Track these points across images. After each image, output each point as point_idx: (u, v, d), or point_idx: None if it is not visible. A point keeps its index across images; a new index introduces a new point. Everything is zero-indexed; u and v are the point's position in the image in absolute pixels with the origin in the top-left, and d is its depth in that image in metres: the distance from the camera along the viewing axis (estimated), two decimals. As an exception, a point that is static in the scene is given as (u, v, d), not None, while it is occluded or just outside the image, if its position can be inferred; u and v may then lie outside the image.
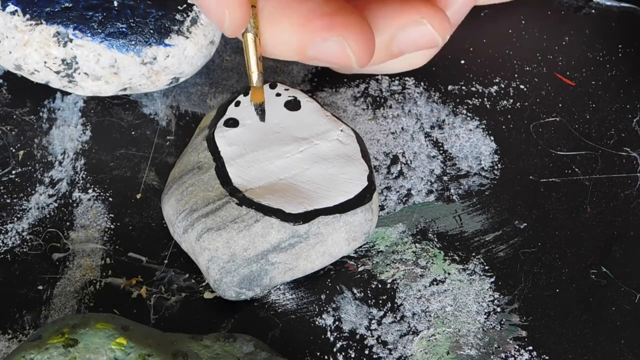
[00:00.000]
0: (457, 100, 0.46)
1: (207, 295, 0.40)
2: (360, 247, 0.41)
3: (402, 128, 0.45)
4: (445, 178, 0.44)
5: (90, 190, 0.42)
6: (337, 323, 0.39)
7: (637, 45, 0.49)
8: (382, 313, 0.40)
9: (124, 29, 0.42)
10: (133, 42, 0.42)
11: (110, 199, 0.42)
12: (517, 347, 0.39)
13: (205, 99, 0.46)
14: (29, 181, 0.42)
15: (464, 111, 0.46)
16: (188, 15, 0.43)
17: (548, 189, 0.44)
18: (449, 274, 0.41)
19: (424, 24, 0.39)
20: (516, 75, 0.48)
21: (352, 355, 0.38)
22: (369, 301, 0.40)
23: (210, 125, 0.41)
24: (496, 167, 0.44)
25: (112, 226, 0.41)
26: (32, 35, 0.41)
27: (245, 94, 0.42)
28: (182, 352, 0.35)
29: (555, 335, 0.39)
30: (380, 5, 0.39)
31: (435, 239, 0.42)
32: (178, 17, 0.43)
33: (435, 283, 0.40)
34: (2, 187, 0.42)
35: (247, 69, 0.38)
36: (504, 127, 0.46)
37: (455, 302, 0.40)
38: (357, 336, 0.39)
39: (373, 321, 0.39)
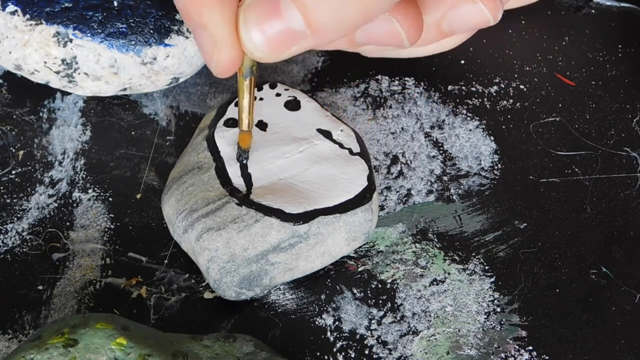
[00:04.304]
0: (457, 100, 0.46)
1: (207, 295, 0.40)
2: (360, 247, 0.41)
3: (402, 128, 0.45)
4: (445, 178, 0.44)
5: (90, 190, 0.42)
6: (337, 323, 0.39)
7: (637, 45, 0.49)
8: (382, 313, 0.40)
9: (124, 29, 0.42)
10: (133, 42, 0.42)
11: (110, 199, 0.42)
12: (517, 347, 0.39)
13: (205, 99, 0.46)
14: (29, 181, 0.42)
15: (464, 111, 0.46)
16: (188, 15, 0.43)
17: (548, 189, 0.44)
18: (449, 274, 0.41)
19: (475, 2, 0.38)
20: (516, 75, 0.48)
21: (352, 355, 0.38)
22: (369, 301, 0.40)
23: (210, 125, 0.41)
24: (496, 167, 0.44)
25: (112, 226, 0.41)
26: (32, 35, 0.41)
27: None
28: (182, 352, 0.35)
29: (555, 335, 0.39)
30: None
31: (435, 239, 0.42)
32: (178, 17, 0.42)
33: (435, 283, 0.40)
34: (2, 187, 0.42)
35: (239, 112, 0.38)
36: (504, 127, 0.46)
37: (455, 302, 0.40)
38: (357, 336, 0.39)
39: (373, 321, 0.39)
